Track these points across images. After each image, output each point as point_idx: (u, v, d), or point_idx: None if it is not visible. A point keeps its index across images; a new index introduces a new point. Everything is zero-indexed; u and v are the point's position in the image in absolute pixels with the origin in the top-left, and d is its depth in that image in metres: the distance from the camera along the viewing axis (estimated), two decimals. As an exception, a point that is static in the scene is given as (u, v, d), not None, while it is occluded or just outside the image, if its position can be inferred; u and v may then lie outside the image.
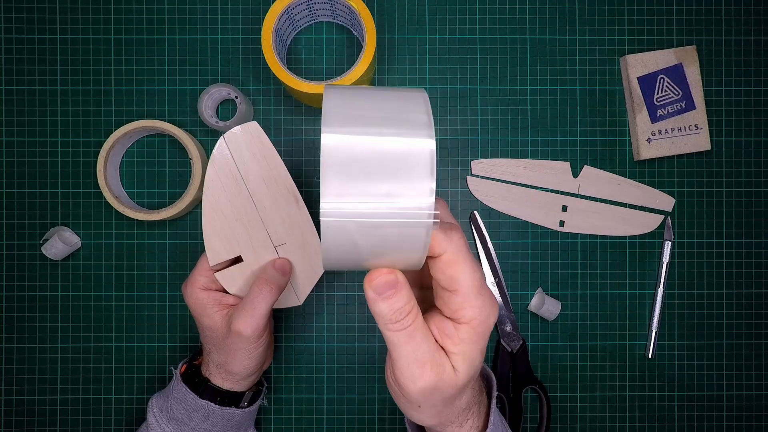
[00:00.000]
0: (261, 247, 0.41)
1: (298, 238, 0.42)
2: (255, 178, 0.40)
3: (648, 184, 0.52)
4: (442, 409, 0.30)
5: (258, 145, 0.40)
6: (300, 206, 0.41)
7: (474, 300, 0.27)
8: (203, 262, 0.42)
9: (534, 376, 0.51)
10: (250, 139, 0.40)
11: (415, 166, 0.23)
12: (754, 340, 0.53)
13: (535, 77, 0.52)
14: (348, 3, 0.45)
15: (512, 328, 0.51)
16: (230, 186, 0.40)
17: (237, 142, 0.40)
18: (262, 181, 0.41)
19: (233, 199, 0.40)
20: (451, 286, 0.27)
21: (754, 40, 0.53)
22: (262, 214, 0.41)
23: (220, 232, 0.40)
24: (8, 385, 0.51)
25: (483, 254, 0.51)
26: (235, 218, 0.41)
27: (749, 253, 0.53)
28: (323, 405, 0.51)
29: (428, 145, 0.23)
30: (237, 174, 0.40)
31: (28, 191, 0.51)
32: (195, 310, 0.42)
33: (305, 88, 0.44)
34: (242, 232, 0.41)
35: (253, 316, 0.39)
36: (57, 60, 0.51)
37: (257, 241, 0.41)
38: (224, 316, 0.41)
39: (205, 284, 0.42)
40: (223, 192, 0.40)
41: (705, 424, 0.52)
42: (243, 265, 0.41)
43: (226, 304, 0.42)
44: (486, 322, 0.28)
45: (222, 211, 0.40)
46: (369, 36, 0.45)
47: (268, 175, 0.41)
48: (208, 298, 0.41)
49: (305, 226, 0.42)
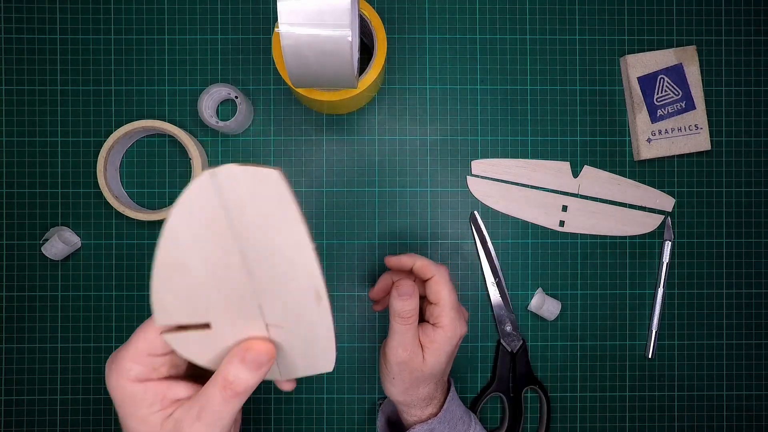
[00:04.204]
0: (243, 317, 0.28)
1: (304, 334, 0.29)
2: (258, 245, 0.27)
3: (648, 184, 0.52)
4: (409, 387, 0.41)
5: (274, 207, 0.26)
6: (321, 306, 0.28)
7: (450, 311, 0.40)
8: (138, 340, 0.28)
9: (534, 376, 0.51)
10: (263, 194, 0.26)
11: (336, 6, 0.34)
12: (754, 340, 0.53)
13: (535, 77, 0.52)
14: (360, 11, 0.45)
15: (512, 328, 0.51)
16: (209, 243, 0.27)
17: (238, 190, 0.26)
18: (268, 253, 0.27)
19: (211, 260, 0.27)
20: (435, 299, 0.41)
21: (754, 40, 0.53)
22: (258, 287, 0.28)
23: (181, 292, 0.27)
24: (8, 385, 0.51)
25: (483, 254, 0.51)
26: (209, 280, 0.27)
27: (749, 253, 0.53)
28: (323, 405, 0.51)
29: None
30: (225, 230, 0.27)
31: (28, 191, 0.51)
32: (122, 407, 0.28)
33: (314, 94, 0.44)
34: (217, 296, 0.28)
35: (211, 426, 0.27)
36: (57, 60, 0.51)
37: (239, 310, 0.28)
38: (165, 420, 0.28)
39: (141, 374, 0.28)
40: (195, 247, 0.27)
41: (705, 424, 0.52)
42: (211, 333, 0.28)
43: (172, 401, 0.28)
44: (455, 331, 0.40)
45: (189, 269, 0.27)
46: (380, 44, 0.45)
47: (279, 250, 0.27)
48: (144, 393, 0.28)
49: (321, 328, 0.29)
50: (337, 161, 0.52)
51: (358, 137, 0.52)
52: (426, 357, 0.40)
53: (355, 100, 0.47)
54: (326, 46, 0.35)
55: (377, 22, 0.45)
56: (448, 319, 0.40)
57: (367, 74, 0.45)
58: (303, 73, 0.37)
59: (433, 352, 0.40)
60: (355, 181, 0.52)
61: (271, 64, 0.52)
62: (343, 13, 0.34)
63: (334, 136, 0.52)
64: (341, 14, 0.34)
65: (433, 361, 0.40)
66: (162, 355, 0.29)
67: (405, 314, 0.39)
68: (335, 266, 0.52)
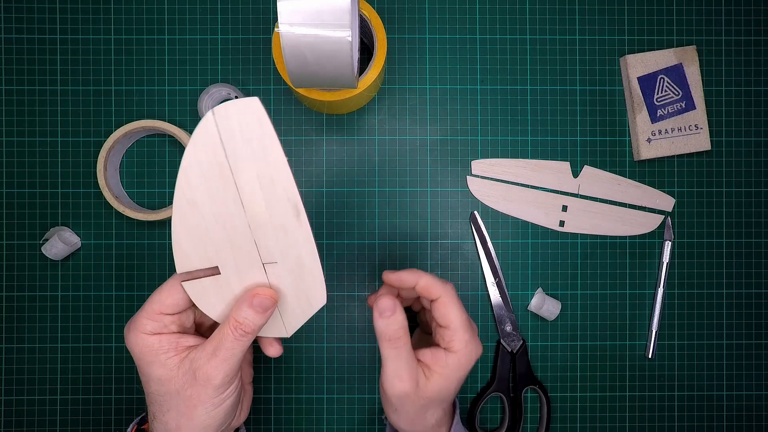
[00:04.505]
0: (245, 261, 0.33)
1: (293, 260, 0.34)
2: (247, 172, 0.32)
3: (648, 184, 0.52)
4: (414, 418, 0.37)
5: (256, 130, 0.31)
6: (301, 220, 0.33)
7: (462, 333, 0.36)
8: (153, 302, 0.34)
9: (534, 376, 0.51)
10: (247, 120, 0.31)
11: (336, 6, 0.33)
12: (754, 340, 0.53)
13: (535, 77, 0.52)
14: (360, 11, 0.45)
15: (512, 328, 0.51)
16: (213, 176, 0.31)
17: (229, 122, 0.31)
18: (255, 178, 0.32)
19: (215, 194, 0.32)
20: (445, 322, 0.37)
21: (754, 40, 0.53)
22: (251, 220, 0.32)
23: (194, 231, 0.32)
24: (8, 385, 0.51)
25: (483, 254, 0.52)
26: (215, 219, 0.32)
27: (749, 253, 0.53)
28: (323, 405, 0.51)
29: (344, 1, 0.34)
30: (224, 162, 0.31)
31: (28, 191, 0.51)
32: (142, 358, 0.34)
33: (314, 94, 0.44)
34: (222, 237, 0.32)
35: (225, 360, 0.33)
36: (57, 60, 0.51)
37: (241, 252, 0.33)
38: (181, 361, 0.33)
39: (155, 329, 0.34)
40: (203, 182, 0.31)
41: (705, 424, 0.52)
42: (220, 279, 0.34)
43: (185, 347, 0.34)
44: (470, 355, 0.36)
45: (198, 206, 0.32)
46: (380, 44, 0.45)
47: (264, 172, 0.32)
48: (159, 342, 0.33)
49: (304, 245, 0.33)
50: (337, 161, 0.52)
51: (358, 137, 0.52)
52: (434, 382, 0.36)
53: (355, 100, 0.47)
54: (326, 46, 0.35)
55: (377, 22, 0.45)
56: (462, 343, 0.36)
57: (367, 74, 0.45)
58: (303, 73, 0.37)
59: (444, 378, 0.36)
60: (355, 181, 0.52)
61: (271, 64, 0.52)
62: (343, 13, 0.34)
63: (334, 136, 0.52)
64: (341, 14, 0.34)
65: (442, 386, 0.36)
66: (171, 314, 0.34)
67: (392, 335, 0.35)
68: (335, 266, 0.52)
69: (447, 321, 0.36)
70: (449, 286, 0.37)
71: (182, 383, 0.33)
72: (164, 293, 0.34)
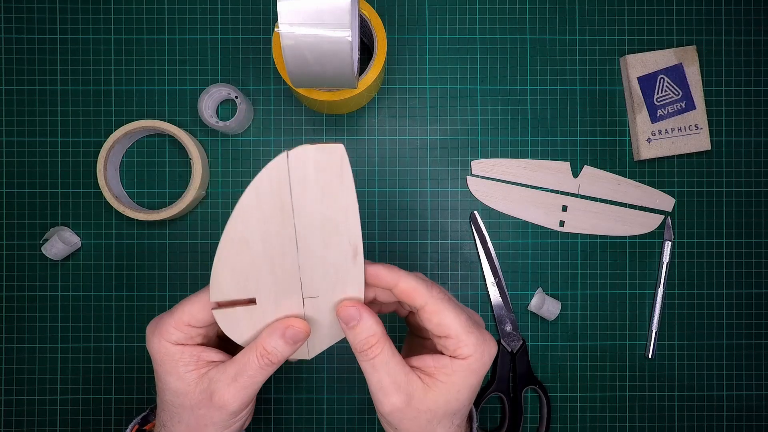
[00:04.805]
0: (285, 294, 0.31)
1: (337, 296, 0.32)
2: (311, 215, 0.30)
3: (648, 184, 0.52)
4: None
5: (334, 178, 0.29)
6: (357, 261, 0.31)
7: (466, 338, 0.31)
8: (185, 313, 0.32)
9: (534, 376, 0.51)
10: (324, 166, 0.29)
11: (336, 6, 0.33)
12: (754, 340, 0.53)
13: (535, 77, 0.52)
14: (360, 11, 0.45)
15: (512, 328, 0.51)
16: (272, 218, 0.30)
17: (305, 165, 0.29)
18: (318, 221, 0.30)
19: (270, 234, 0.30)
20: (442, 332, 0.31)
21: (754, 40, 0.53)
22: (303, 259, 0.31)
23: (239, 267, 0.30)
24: (8, 385, 0.51)
25: (483, 254, 0.52)
26: (264, 255, 0.30)
27: (749, 253, 0.53)
28: (323, 405, 0.51)
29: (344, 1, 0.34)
30: (287, 202, 0.29)
31: (28, 191, 0.51)
32: (162, 365, 0.32)
33: (314, 94, 0.44)
34: (267, 272, 0.31)
35: (245, 388, 0.31)
36: (57, 60, 0.51)
37: (284, 287, 0.31)
38: (200, 377, 0.32)
39: (179, 339, 0.32)
40: (260, 224, 0.30)
41: (705, 424, 0.52)
42: (254, 309, 0.32)
43: (206, 362, 0.33)
44: (481, 360, 0.31)
45: (250, 244, 0.30)
46: (380, 44, 0.45)
47: (329, 215, 0.30)
48: (182, 353, 0.32)
49: (353, 285, 0.32)
50: (337, 161, 0.52)
51: (358, 137, 0.52)
52: (437, 392, 0.31)
53: (355, 100, 0.47)
54: (326, 46, 0.35)
55: (377, 22, 0.45)
56: (471, 347, 0.31)
57: (367, 74, 0.45)
58: (303, 73, 0.37)
59: (451, 386, 0.31)
60: (355, 181, 0.52)
61: (271, 64, 0.52)
62: (343, 13, 0.34)
63: (334, 136, 0.52)
64: (341, 14, 0.34)
65: (450, 397, 0.31)
66: (199, 327, 0.32)
67: (363, 346, 0.31)
68: (335, 266, 0.52)
69: (445, 330, 0.31)
70: (436, 289, 0.32)
71: (197, 401, 0.32)
72: (197, 306, 0.32)
